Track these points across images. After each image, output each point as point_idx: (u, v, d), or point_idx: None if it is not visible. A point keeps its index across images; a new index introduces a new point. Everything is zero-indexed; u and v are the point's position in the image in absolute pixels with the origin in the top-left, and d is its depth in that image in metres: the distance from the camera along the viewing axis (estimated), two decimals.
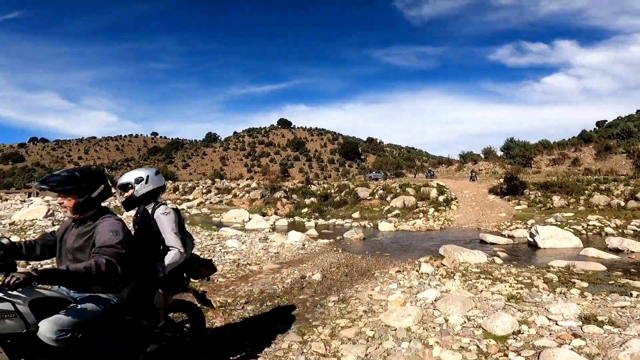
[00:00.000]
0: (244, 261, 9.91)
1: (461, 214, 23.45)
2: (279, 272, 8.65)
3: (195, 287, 4.74)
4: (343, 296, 6.69)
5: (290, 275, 8.36)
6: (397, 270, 8.55)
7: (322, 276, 8.16)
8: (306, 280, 7.95)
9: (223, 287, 7.47)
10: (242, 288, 7.34)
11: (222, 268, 9.04)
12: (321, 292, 7.06)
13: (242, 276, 8.38)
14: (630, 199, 20.21)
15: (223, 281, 7.95)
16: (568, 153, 42.61)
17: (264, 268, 9.11)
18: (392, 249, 13.61)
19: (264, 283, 7.70)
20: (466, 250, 9.96)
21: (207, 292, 6.83)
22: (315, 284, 7.67)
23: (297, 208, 32.80)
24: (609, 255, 10.50)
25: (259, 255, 10.72)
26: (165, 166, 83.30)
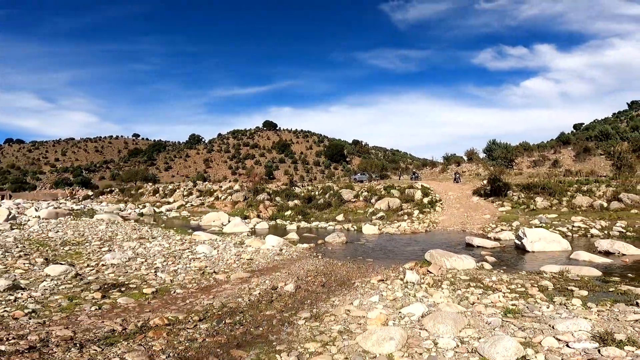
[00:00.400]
0: (212, 269, 8.89)
1: (446, 215, 22.91)
2: (247, 282, 7.67)
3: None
4: (317, 312, 5.77)
5: (260, 285, 7.39)
6: (379, 279, 7.70)
7: (295, 287, 7.22)
8: (277, 291, 7.00)
9: (179, 300, 6.45)
10: (201, 301, 6.34)
11: (184, 277, 8.00)
12: (292, 307, 6.12)
13: (204, 287, 7.37)
14: (612, 199, 20.03)
15: (181, 292, 6.92)
16: (548, 155, 42.96)
17: (232, 277, 8.12)
18: (375, 253, 12.77)
19: (228, 295, 6.71)
20: (453, 256, 9.20)
21: (158, 306, 5.83)
22: (286, 296, 6.73)
23: (280, 210, 31.77)
24: (601, 259, 9.94)
25: (230, 262, 9.71)
26: (146, 168, 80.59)
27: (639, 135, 37.51)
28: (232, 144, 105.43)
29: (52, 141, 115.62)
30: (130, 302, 6.22)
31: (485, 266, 9.17)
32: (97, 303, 6.09)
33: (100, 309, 5.84)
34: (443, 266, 8.82)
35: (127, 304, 6.15)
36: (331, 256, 11.77)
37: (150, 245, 12.21)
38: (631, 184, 21.10)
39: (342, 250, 13.34)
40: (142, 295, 6.66)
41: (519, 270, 8.90)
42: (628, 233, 15.08)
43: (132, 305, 6.10)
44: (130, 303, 6.20)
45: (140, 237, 15.02)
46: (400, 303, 5.90)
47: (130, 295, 6.62)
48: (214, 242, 13.54)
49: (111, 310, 5.81)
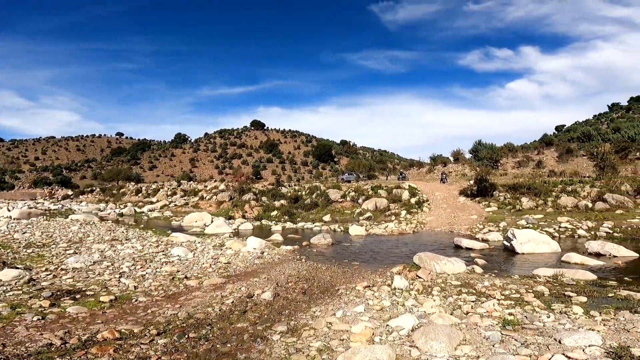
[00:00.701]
0: (184, 274, 8.14)
1: (433, 216, 22.58)
2: (221, 289, 6.97)
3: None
4: (295, 325, 5.12)
5: (234, 293, 6.70)
6: (365, 286, 7.10)
7: (273, 294, 6.56)
8: (253, 300, 6.33)
9: (140, 310, 5.71)
10: (165, 311, 5.62)
11: (151, 283, 7.25)
12: (268, 318, 5.46)
13: (172, 294, 6.64)
14: (597, 200, 19.99)
15: (144, 301, 6.18)
16: (532, 156, 43.34)
17: (204, 283, 7.40)
18: (362, 256, 12.20)
19: (197, 304, 6.01)
20: (443, 259, 8.69)
21: (113, 316, 5.09)
22: (263, 305, 6.06)
23: (266, 211, 31.02)
24: (593, 261, 9.60)
25: (205, 266, 8.97)
26: (130, 167, 78.22)
27: (621, 136, 38.12)
28: (219, 144, 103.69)
29: (32, 140, 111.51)
30: (81, 312, 5.46)
31: (476, 270, 8.69)
32: (42, 312, 5.32)
33: (43, 319, 5.08)
34: (432, 270, 8.29)
35: (78, 313, 5.39)
36: (316, 259, 11.14)
37: (121, 247, 11.35)
38: (615, 185, 21.14)
39: (328, 253, 12.73)
40: (98, 303, 5.90)
41: (511, 274, 8.45)
42: (615, 234, 14.91)
43: (83, 315, 5.35)
44: (82, 312, 5.44)
45: (114, 238, 14.09)
46: (388, 314, 5.30)
47: (84, 304, 5.85)
48: (192, 244, 12.75)
49: (56, 320, 5.06)
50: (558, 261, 10.17)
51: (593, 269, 8.78)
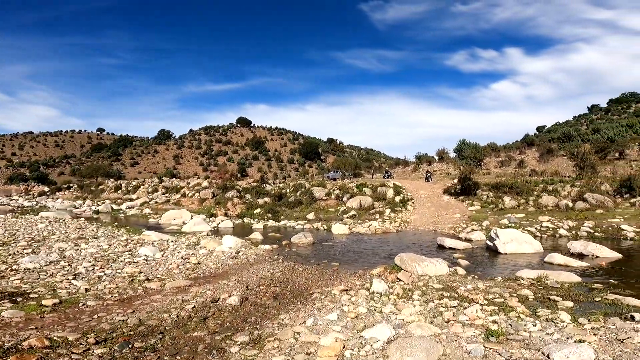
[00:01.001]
0: (147, 275, 7.49)
1: (417, 215, 22.35)
2: (185, 292, 6.37)
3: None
4: (259, 334, 4.58)
5: (198, 297, 6.11)
6: (342, 289, 6.61)
7: (241, 299, 6.00)
8: (217, 305, 5.75)
9: (84, 315, 5.07)
10: (113, 317, 5.00)
11: (106, 285, 6.58)
12: (230, 326, 4.90)
13: (127, 297, 6.00)
14: (577, 199, 20.09)
15: (92, 305, 5.53)
16: (514, 155, 43.81)
17: (167, 285, 6.77)
18: (343, 256, 11.72)
19: (153, 309, 5.40)
20: (425, 260, 8.28)
21: (52, 322, 4.44)
22: (227, 311, 5.50)
23: (249, 209, 30.32)
24: (577, 262, 9.37)
25: (172, 267, 8.32)
26: (110, 164, 75.73)
27: (600, 137, 38.87)
28: (204, 140, 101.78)
29: (9, 135, 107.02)
30: (17, 316, 4.80)
31: (458, 271, 8.31)
32: None
33: None
34: (414, 272, 7.87)
35: (12, 318, 4.74)
36: (294, 259, 10.61)
37: (85, 246, 10.55)
38: (595, 184, 21.31)
39: (308, 252, 12.20)
40: (39, 307, 5.24)
41: (494, 275, 8.10)
42: (596, 233, 14.88)
43: (18, 319, 4.69)
44: (17, 317, 4.78)
45: (80, 237, 13.22)
46: (363, 323, 4.81)
47: (23, 307, 5.18)
48: (165, 242, 12.04)
49: None
50: (541, 262, 9.92)
51: (577, 270, 8.53)
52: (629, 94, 76.57)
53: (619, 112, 65.07)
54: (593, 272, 8.46)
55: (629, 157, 32.95)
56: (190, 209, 34.81)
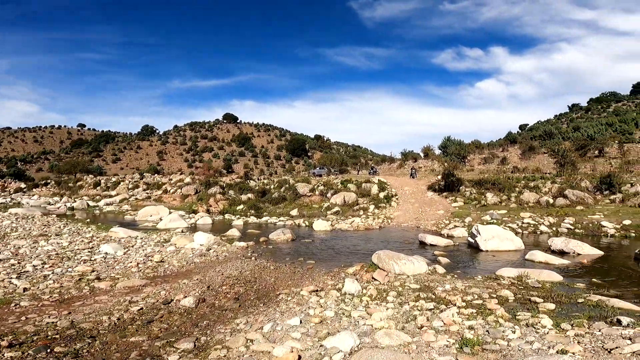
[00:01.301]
0: (100, 274, 6.82)
1: (401, 211, 22.06)
2: (136, 293, 5.74)
3: None
4: (206, 341, 4.02)
5: (149, 297, 5.50)
6: (312, 290, 6.09)
7: (197, 300, 5.41)
8: (169, 307, 5.16)
9: (12, 316, 4.44)
10: (43, 318, 4.37)
11: (49, 285, 5.92)
12: (176, 331, 4.32)
13: (68, 298, 5.36)
14: (558, 196, 20.10)
15: (26, 306, 4.88)
16: (497, 152, 44.12)
17: (118, 285, 6.13)
18: (321, 253, 11.20)
19: (93, 311, 4.78)
20: (403, 258, 7.82)
21: None
22: (178, 314, 4.91)
23: (232, 205, 29.56)
24: (558, 260, 9.09)
25: (131, 265, 7.65)
26: (91, 160, 73.23)
27: (580, 135, 39.40)
28: (189, 136, 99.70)
29: None
30: None
31: (438, 270, 7.89)
32: None
33: None
34: (391, 271, 7.41)
35: None
36: (268, 257, 10.04)
37: (44, 244, 9.76)
38: (576, 181, 21.37)
39: (285, 249, 11.65)
40: None
41: (474, 274, 7.71)
42: (576, 230, 14.77)
43: None
44: None
45: (43, 234, 12.34)
46: (327, 329, 4.29)
47: None
48: (132, 240, 11.29)
49: None
50: (522, 259, 9.61)
51: (558, 268, 8.22)
52: (608, 94, 78.34)
53: (598, 111, 66.42)
54: (575, 271, 8.17)
55: (608, 154, 33.43)
56: (171, 206, 33.81)
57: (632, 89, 74.42)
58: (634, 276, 7.66)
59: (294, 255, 10.59)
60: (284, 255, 10.54)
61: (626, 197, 18.39)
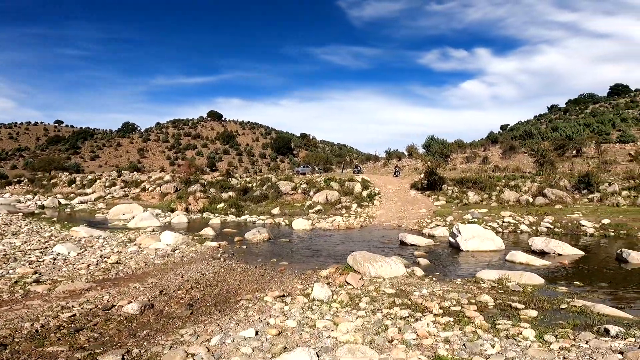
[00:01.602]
0: (42, 276, 6.09)
1: (384, 210, 21.73)
2: (76, 297, 5.07)
3: None
4: (137, 354, 3.41)
5: (88, 302, 4.84)
6: (278, 296, 5.52)
7: (143, 307, 4.76)
8: (108, 313, 4.50)
9: None
10: None
11: None
12: (106, 342, 3.70)
13: None
14: (537, 195, 20.12)
15: None
16: (479, 152, 44.51)
17: (58, 289, 5.44)
18: (297, 254, 10.63)
19: (16, 317, 4.12)
20: (380, 259, 7.33)
21: None
22: (115, 322, 4.27)
23: (212, 203, 28.69)
24: (539, 260, 8.78)
25: (81, 267, 6.92)
26: (68, 157, 70.35)
27: (559, 135, 40.05)
28: (171, 134, 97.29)
29: None
30: None
31: (416, 272, 7.43)
32: None
33: None
34: (367, 274, 6.91)
35: None
36: (240, 258, 9.41)
37: None
38: (554, 180, 21.47)
39: (260, 250, 11.02)
40: None
41: (454, 277, 7.29)
42: (556, 229, 14.66)
43: None
44: None
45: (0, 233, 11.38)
46: (284, 343, 3.73)
47: None
48: (94, 239, 10.46)
49: None
50: (503, 260, 9.27)
51: (539, 270, 7.89)
52: (586, 95, 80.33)
53: (576, 112, 67.95)
54: (556, 272, 7.86)
55: (586, 154, 34.00)
56: (150, 204, 32.65)
57: (610, 90, 76.46)
58: (617, 278, 7.40)
59: (268, 256, 9.98)
60: (257, 255, 9.92)
61: (604, 196, 18.50)
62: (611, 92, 75.83)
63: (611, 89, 76.88)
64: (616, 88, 75.70)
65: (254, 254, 10.22)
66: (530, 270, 7.41)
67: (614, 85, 76.85)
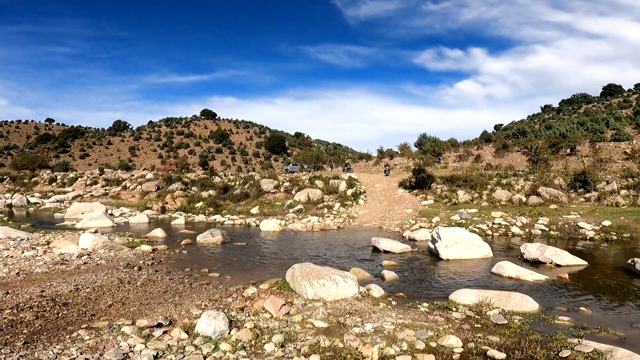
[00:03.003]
0: None
1: (367, 209, 19.93)
2: None
3: None
4: None
5: None
6: (147, 326, 3.69)
7: None
8: None
9: None
10: None
11: None
12: None
13: None
14: (531, 194, 18.35)
15: None
16: (472, 150, 42.87)
17: None
18: (243, 262, 8.74)
19: None
20: (325, 276, 5.49)
21: None
22: None
23: (190, 202, 26.91)
24: (533, 274, 6.95)
25: None
26: (56, 155, 68.01)
27: (553, 133, 38.41)
28: (164, 132, 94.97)
29: None
30: None
31: (372, 292, 5.60)
32: None
33: None
34: (303, 294, 5.09)
35: None
36: (170, 266, 7.57)
37: None
38: (549, 178, 19.73)
39: (202, 256, 9.15)
40: None
41: (420, 298, 5.46)
42: (551, 232, 12.87)
43: None
44: None
45: None
46: None
47: None
48: (8, 241, 8.59)
49: None
50: (488, 272, 7.44)
51: (532, 287, 6.09)
52: (579, 95, 78.82)
53: (569, 112, 66.39)
54: (554, 292, 6.03)
55: (580, 152, 32.37)
56: (129, 203, 30.92)
57: (602, 90, 74.93)
58: (632, 299, 5.59)
59: (205, 263, 8.12)
60: (192, 263, 8.06)
61: (602, 195, 16.75)
62: (604, 92, 74.42)
63: (604, 89, 75.46)
64: (609, 88, 74.22)
65: (189, 261, 8.36)
66: (521, 289, 5.61)
67: (607, 86, 75.33)
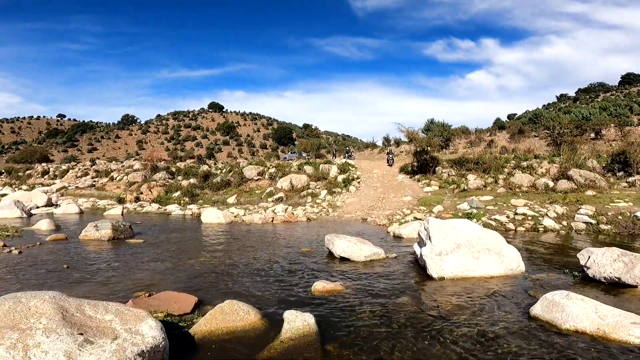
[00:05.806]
0: None
1: (357, 197, 16.04)
2: None
3: None
4: None
5: None
6: None
7: None
8: None
9: None
10: None
11: None
12: None
13: None
14: (560, 177, 14.00)
15: None
16: (484, 137, 38.13)
17: None
18: (113, 270, 5.08)
19: None
20: None
21: None
22: None
23: (168, 192, 23.66)
24: (629, 329, 2.93)
25: None
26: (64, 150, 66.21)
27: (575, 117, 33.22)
28: (171, 125, 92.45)
29: None
30: None
31: None
32: None
33: None
34: None
35: None
36: None
37: None
38: (581, 159, 15.29)
39: (43, 258, 5.55)
40: None
41: None
42: (602, 226, 8.69)
43: None
44: None
45: None
46: None
47: None
48: None
49: None
50: (524, 316, 3.38)
51: None
52: (597, 84, 71.98)
53: (587, 101, 60.16)
54: None
55: (606, 137, 27.35)
56: (114, 194, 27.90)
57: (621, 79, 68.04)
58: None
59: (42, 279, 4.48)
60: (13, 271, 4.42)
61: None
62: (622, 81, 67.59)
63: (622, 78, 68.52)
64: (628, 77, 67.25)
65: (52, 266, 4.71)
66: None
67: (626, 75, 68.29)
